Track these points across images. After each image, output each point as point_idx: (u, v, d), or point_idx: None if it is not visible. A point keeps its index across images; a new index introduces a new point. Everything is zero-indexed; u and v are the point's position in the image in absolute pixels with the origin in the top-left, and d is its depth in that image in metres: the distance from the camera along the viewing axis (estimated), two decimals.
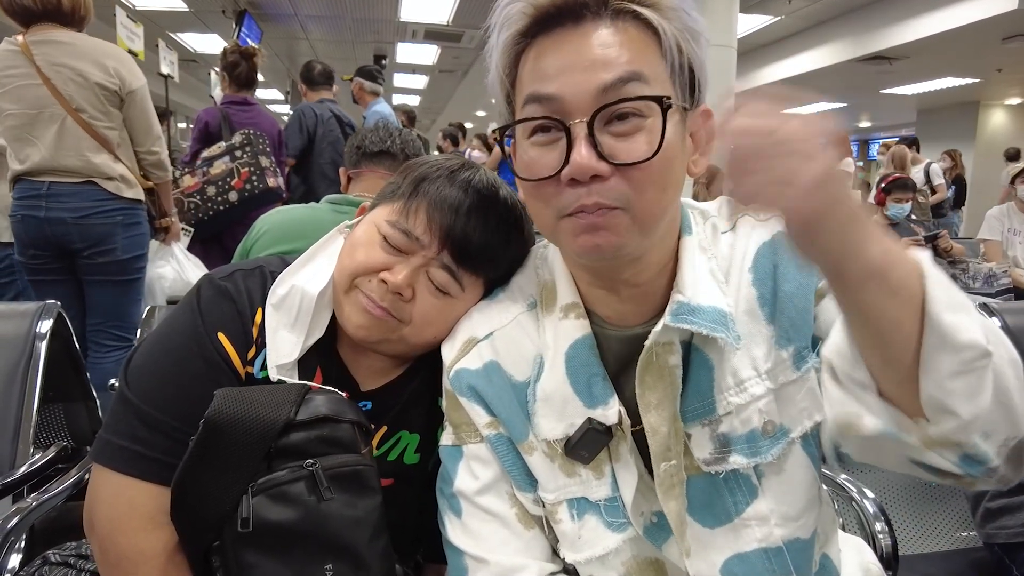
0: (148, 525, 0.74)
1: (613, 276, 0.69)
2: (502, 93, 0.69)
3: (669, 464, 0.69)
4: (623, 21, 0.63)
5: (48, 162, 2.10)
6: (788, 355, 0.70)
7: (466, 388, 0.75)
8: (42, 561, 0.91)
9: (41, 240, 2.17)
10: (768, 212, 0.51)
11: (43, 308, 1.40)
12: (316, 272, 0.82)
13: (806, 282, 0.69)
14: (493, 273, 0.82)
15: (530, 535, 0.75)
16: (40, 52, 2.04)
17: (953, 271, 3.99)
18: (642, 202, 0.62)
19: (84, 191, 2.15)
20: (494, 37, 0.67)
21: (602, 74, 0.61)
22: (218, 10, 8.06)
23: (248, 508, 0.69)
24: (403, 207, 0.79)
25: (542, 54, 0.64)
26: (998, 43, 7.51)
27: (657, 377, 0.69)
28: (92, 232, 2.18)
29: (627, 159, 0.61)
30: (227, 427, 0.69)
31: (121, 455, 0.74)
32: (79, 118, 2.10)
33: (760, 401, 0.69)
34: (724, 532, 0.70)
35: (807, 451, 0.71)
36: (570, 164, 0.61)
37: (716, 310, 0.68)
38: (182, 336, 0.77)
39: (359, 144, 1.57)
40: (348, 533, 0.71)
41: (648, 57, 0.63)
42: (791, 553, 0.70)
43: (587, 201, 0.61)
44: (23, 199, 2.15)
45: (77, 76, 2.09)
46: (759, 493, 0.70)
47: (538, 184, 0.64)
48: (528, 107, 0.64)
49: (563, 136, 0.62)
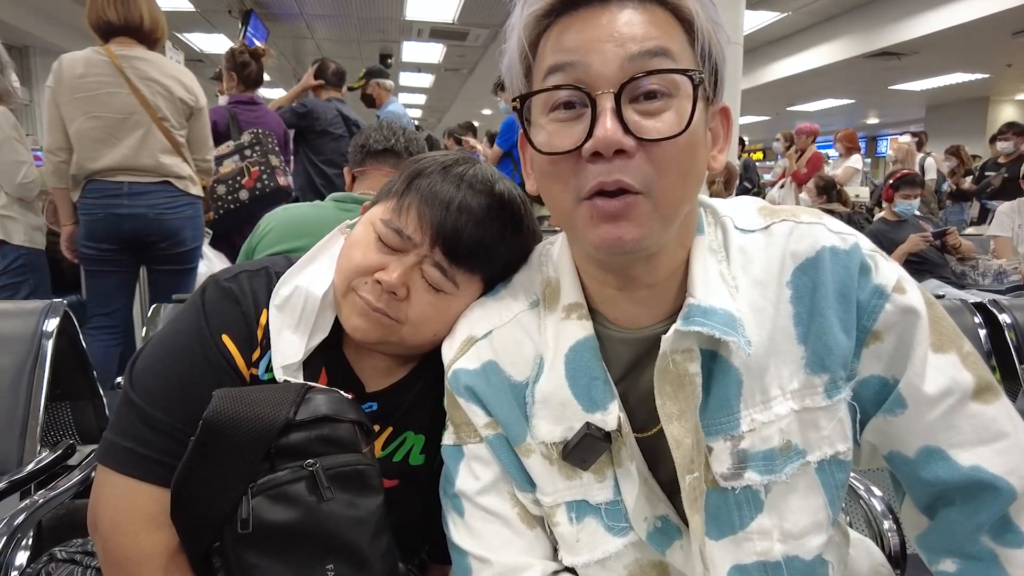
0: (150, 526, 0.74)
1: (626, 274, 0.67)
2: (522, 67, 0.67)
3: (693, 476, 0.67)
4: (651, 3, 0.62)
5: (126, 161, 2.36)
6: (821, 382, 0.67)
7: (464, 388, 0.74)
8: (48, 558, 0.91)
9: (117, 234, 2.42)
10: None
11: (49, 306, 1.41)
12: (319, 272, 0.81)
13: (847, 315, 0.67)
14: (489, 270, 0.80)
15: (532, 534, 0.74)
16: (130, 66, 2.34)
17: (962, 267, 3.97)
18: (663, 186, 0.60)
19: (161, 189, 2.44)
20: (516, 13, 0.65)
21: (630, 46, 0.59)
22: (224, 10, 8.08)
23: (248, 509, 0.68)
24: (396, 205, 0.79)
25: (566, 29, 0.62)
26: (1008, 38, 7.46)
27: (677, 386, 0.66)
28: (168, 226, 2.47)
29: (655, 135, 0.59)
30: (226, 427, 0.69)
31: (124, 457, 0.74)
32: (163, 126, 2.42)
33: (782, 421, 0.67)
34: (726, 543, 0.69)
35: (820, 477, 0.69)
36: (594, 137, 0.59)
37: (726, 313, 0.65)
38: (186, 338, 0.77)
39: (363, 143, 1.57)
40: (349, 533, 0.71)
41: (675, 37, 0.62)
42: (788, 570, 0.68)
43: (608, 179, 0.59)
44: (103, 198, 2.39)
45: (164, 91, 2.41)
46: (764, 508, 0.68)
47: (557, 159, 0.62)
48: (551, 77, 0.62)
49: (587, 111, 0.60)
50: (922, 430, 0.68)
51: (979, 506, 0.67)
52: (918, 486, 0.71)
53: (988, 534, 0.67)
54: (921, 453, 0.68)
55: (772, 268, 0.68)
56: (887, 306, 0.67)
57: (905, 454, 0.70)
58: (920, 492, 0.71)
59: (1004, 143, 5.45)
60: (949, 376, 0.67)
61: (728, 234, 0.71)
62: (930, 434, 0.68)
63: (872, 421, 0.70)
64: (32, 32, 7.82)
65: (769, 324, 0.67)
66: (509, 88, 0.69)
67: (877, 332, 0.68)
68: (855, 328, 0.67)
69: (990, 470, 0.66)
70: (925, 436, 0.68)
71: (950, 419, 0.67)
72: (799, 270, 0.68)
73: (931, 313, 0.68)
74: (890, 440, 0.70)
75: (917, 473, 0.69)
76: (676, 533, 0.71)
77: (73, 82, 2.28)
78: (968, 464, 0.66)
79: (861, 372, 0.69)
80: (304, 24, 9.17)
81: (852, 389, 0.69)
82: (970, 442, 0.67)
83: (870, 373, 0.69)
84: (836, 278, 0.67)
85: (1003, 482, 0.66)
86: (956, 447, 0.67)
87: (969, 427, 0.67)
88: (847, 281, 0.67)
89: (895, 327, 0.67)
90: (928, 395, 0.67)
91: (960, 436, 0.67)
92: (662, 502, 0.71)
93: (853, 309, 0.67)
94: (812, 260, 0.68)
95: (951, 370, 0.67)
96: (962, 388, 0.67)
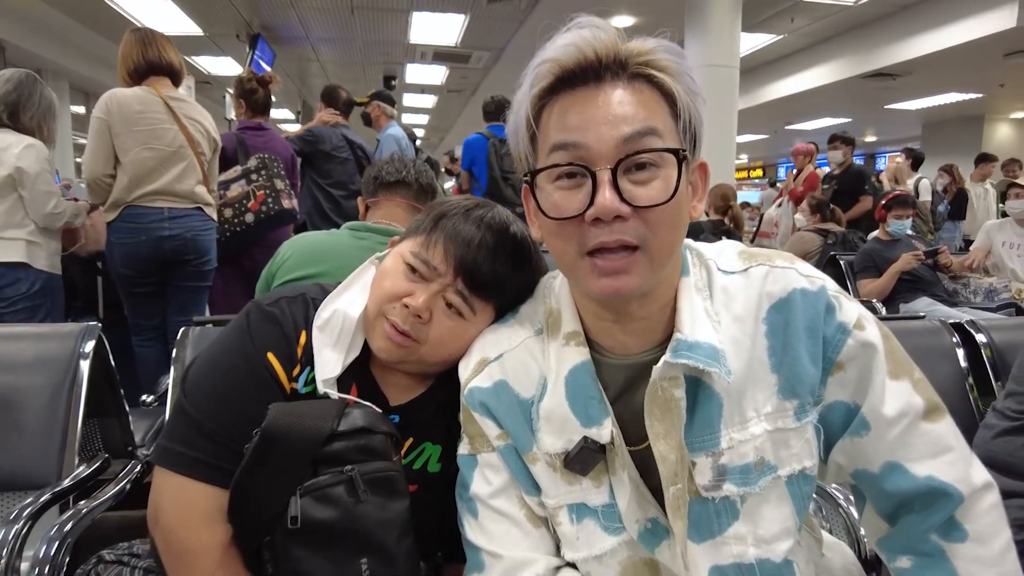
0: (206, 521, 0.83)
1: (621, 310, 0.76)
2: (527, 135, 0.75)
3: (676, 488, 0.77)
4: (639, 83, 0.71)
5: (167, 188, 2.66)
6: (791, 407, 0.77)
7: (478, 404, 0.84)
8: (97, 560, 1.00)
9: (156, 255, 2.68)
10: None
11: (86, 329, 1.51)
12: (354, 298, 0.92)
13: (815, 348, 0.77)
14: (502, 299, 0.91)
15: (538, 533, 0.84)
16: (176, 106, 2.69)
17: (954, 286, 4.06)
18: (657, 241, 0.70)
19: (194, 214, 2.74)
20: (523, 90, 0.75)
21: (623, 127, 0.69)
22: (232, 34, 8.26)
23: (297, 507, 0.78)
24: (425, 240, 0.89)
25: (567, 109, 0.71)
26: (999, 59, 7.60)
27: (664, 409, 0.76)
28: (200, 246, 2.77)
29: (647, 202, 0.69)
30: (280, 437, 0.79)
31: (180, 460, 0.84)
32: (200, 160, 2.75)
33: (757, 440, 0.76)
34: (706, 547, 0.78)
35: (790, 489, 0.79)
36: (595, 205, 0.68)
37: (710, 346, 0.74)
38: (234, 356, 0.88)
39: (376, 175, 1.67)
40: (380, 532, 0.80)
41: (660, 115, 0.71)
42: (761, 571, 0.78)
43: (608, 239, 0.69)
44: (146, 222, 2.65)
45: (202, 129, 2.77)
46: (740, 516, 0.78)
47: (563, 223, 0.71)
48: (555, 154, 0.71)
49: (587, 181, 0.69)
50: (884, 448, 0.78)
51: (933, 510, 0.77)
52: (882, 497, 0.81)
53: (937, 533, 0.78)
54: (884, 468, 0.79)
55: (750, 306, 0.78)
56: (849, 340, 0.77)
57: (871, 471, 0.80)
58: (884, 503, 0.82)
59: (834, 152, 5.50)
60: (904, 400, 0.78)
61: (712, 275, 0.81)
62: (890, 451, 0.78)
63: (840, 443, 0.81)
64: (44, 56, 8.00)
65: (747, 355, 0.77)
66: (514, 150, 0.79)
67: (840, 363, 0.78)
68: (821, 359, 0.78)
69: (942, 479, 0.77)
70: (886, 453, 0.78)
71: (905, 437, 0.78)
72: (773, 308, 0.78)
73: (887, 345, 0.79)
74: (856, 459, 0.81)
75: (881, 486, 0.79)
76: (664, 534, 0.80)
77: (132, 116, 2.58)
78: (923, 475, 0.77)
79: (827, 398, 0.79)
80: (310, 47, 9.35)
81: (819, 413, 0.79)
82: (924, 456, 0.78)
83: (835, 399, 0.79)
84: (805, 316, 0.77)
85: (953, 488, 0.76)
86: (912, 461, 0.78)
87: (922, 443, 0.78)
88: (815, 318, 0.77)
89: (856, 359, 0.78)
90: (887, 417, 0.77)
91: (915, 452, 0.78)
92: (652, 506, 0.81)
93: (820, 343, 0.77)
94: (785, 300, 0.78)
95: (905, 395, 0.78)
96: (915, 410, 0.78)
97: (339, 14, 7.80)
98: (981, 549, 0.77)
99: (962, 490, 0.76)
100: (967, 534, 0.77)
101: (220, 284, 3.15)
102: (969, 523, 0.77)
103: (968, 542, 0.77)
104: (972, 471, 0.78)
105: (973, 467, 0.79)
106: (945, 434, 0.78)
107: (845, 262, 3.98)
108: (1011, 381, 1.35)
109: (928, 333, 1.76)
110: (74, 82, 9.28)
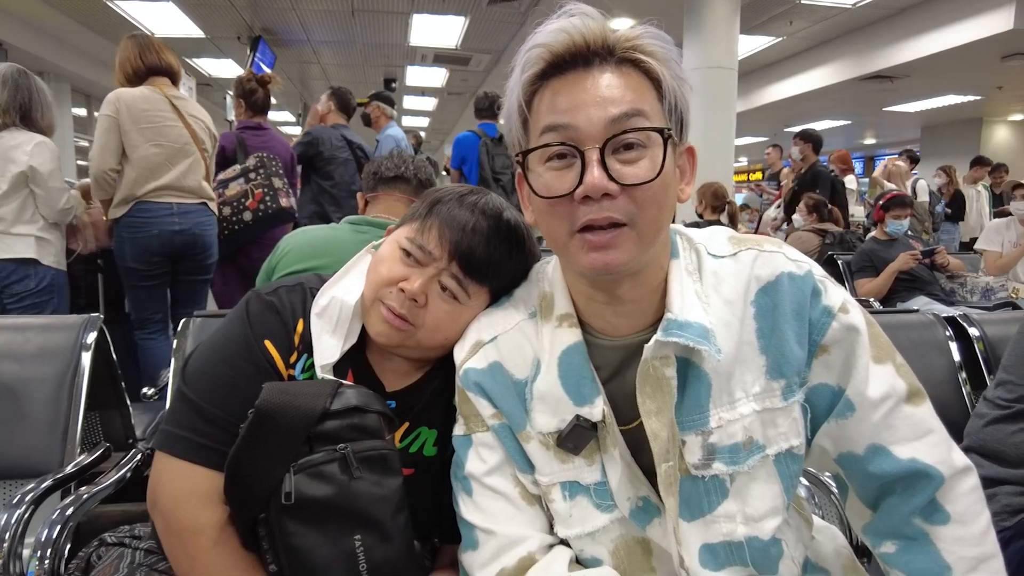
0: (204, 503, 0.85)
1: (612, 291, 0.78)
2: (519, 120, 0.78)
3: (668, 465, 0.79)
4: (626, 67, 0.74)
5: (175, 183, 2.74)
6: (779, 387, 0.79)
7: (473, 384, 0.86)
8: (99, 543, 1.02)
9: (167, 248, 2.77)
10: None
11: (88, 321, 1.53)
12: (351, 285, 0.94)
13: (801, 330, 0.79)
14: (496, 283, 0.92)
15: (532, 510, 0.85)
16: (180, 104, 2.78)
17: (951, 285, 4.08)
18: (644, 218, 0.72)
19: (200, 209, 2.84)
20: (515, 75, 0.78)
21: (611, 108, 0.71)
22: (233, 36, 8.30)
23: (291, 484, 0.79)
24: (420, 226, 0.91)
25: (557, 92, 0.74)
26: (997, 61, 7.63)
27: (656, 388, 0.78)
28: (205, 240, 2.87)
29: (633, 180, 0.71)
30: (274, 414, 0.81)
31: (181, 444, 0.86)
32: (204, 156, 2.84)
33: (746, 419, 0.78)
34: (697, 525, 0.80)
35: (778, 468, 0.80)
36: (584, 184, 0.71)
37: (700, 326, 0.76)
38: (234, 343, 0.89)
39: (375, 170, 1.69)
40: (375, 508, 0.82)
41: (646, 97, 0.74)
42: (749, 549, 0.80)
43: (597, 216, 0.71)
44: (157, 217, 2.72)
45: (205, 127, 2.87)
46: (729, 494, 0.80)
47: (554, 202, 0.74)
48: (546, 135, 0.74)
49: (577, 161, 0.72)
50: (868, 430, 0.80)
51: (914, 492, 0.79)
52: (866, 481, 0.83)
53: (920, 516, 0.80)
54: (868, 450, 0.80)
55: (739, 289, 0.80)
56: (833, 324, 0.79)
57: (856, 452, 0.81)
58: (868, 487, 0.83)
59: (794, 147, 5.45)
60: (887, 383, 0.80)
61: (702, 259, 0.83)
62: (874, 433, 0.80)
63: (825, 426, 0.83)
64: (45, 58, 8.04)
65: (736, 337, 0.79)
66: (508, 135, 0.82)
67: (825, 346, 0.80)
68: (807, 342, 0.80)
69: (924, 460, 0.79)
70: (871, 435, 0.80)
71: (889, 420, 0.80)
72: (762, 291, 0.80)
73: (870, 330, 0.81)
74: (841, 442, 0.82)
75: (865, 468, 0.81)
76: (655, 512, 0.82)
77: (139, 114, 2.65)
78: (906, 457, 0.79)
79: (812, 379, 0.81)
80: (311, 49, 9.40)
81: (804, 394, 0.81)
82: (907, 438, 0.79)
83: (820, 381, 0.81)
84: (792, 299, 0.79)
85: (934, 470, 0.78)
86: (896, 443, 0.79)
87: (905, 426, 0.80)
88: (801, 302, 0.79)
89: (841, 342, 0.80)
90: (871, 399, 0.79)
91: (898, 434, 0.80)
92: (643, 484, 0.82)
93: (806, 325, 0.79)
94: (773, 283, 0.80)
95: (889, 378, 0.80)
96: (898, 393, 0.80)
97: (340, 16, 7.84)
98: (963, 530, 0.78)
99: (943, 471, 0.78)
100: (949, 516, 0.79)
101: (219, 282, 3.18)
102: (950, 504, 0.79)
103: (950, 524, 0.78)
104: (953, 453, 0.80)
105: (954, 450, 0.81)
106: (927, 417, 0.80)
107: (843, 262, 4.00)
108: (1001, 370, 1.36)
109: (922, 327, 1.78)
110: (75, 84, 9.32)
